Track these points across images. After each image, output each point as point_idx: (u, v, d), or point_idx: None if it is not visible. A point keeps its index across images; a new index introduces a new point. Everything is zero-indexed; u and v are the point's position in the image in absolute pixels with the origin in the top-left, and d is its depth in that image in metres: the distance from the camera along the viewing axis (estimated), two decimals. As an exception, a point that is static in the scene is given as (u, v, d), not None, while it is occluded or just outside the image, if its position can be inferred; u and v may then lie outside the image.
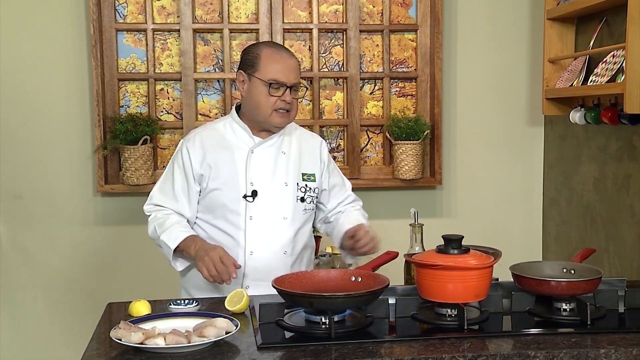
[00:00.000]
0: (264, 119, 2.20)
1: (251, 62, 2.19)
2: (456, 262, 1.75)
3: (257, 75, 2.17)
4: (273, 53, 2.19)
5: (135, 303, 1.87)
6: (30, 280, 3.30)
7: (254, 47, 2.25)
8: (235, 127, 2.26)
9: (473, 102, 3.47)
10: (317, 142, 2.38)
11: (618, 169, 2.88)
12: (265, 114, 2.18)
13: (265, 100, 2.16)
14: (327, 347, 1.59)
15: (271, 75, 2.15)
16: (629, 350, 1.57)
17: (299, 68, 2.24)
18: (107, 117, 3.24)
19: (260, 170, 2.22)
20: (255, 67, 2.18)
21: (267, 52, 2.19)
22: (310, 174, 2.30)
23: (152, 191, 2.32)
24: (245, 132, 2.25)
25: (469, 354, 1.55)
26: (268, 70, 2.16)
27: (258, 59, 2.18)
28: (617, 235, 2.89)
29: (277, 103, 2.17)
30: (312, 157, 2.33)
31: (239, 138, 2.25)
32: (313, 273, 1.92)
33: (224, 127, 2.28)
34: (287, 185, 2.24)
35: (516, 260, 1.99)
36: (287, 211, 2.23)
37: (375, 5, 3.40)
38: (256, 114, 2.20)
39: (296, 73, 2.20)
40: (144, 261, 3.32)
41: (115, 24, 3.26)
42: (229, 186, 2.20)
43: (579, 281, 1.83)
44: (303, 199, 2.27)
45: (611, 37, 2.86)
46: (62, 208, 3.28)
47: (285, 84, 2.16)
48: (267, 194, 2.21)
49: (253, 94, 2.19)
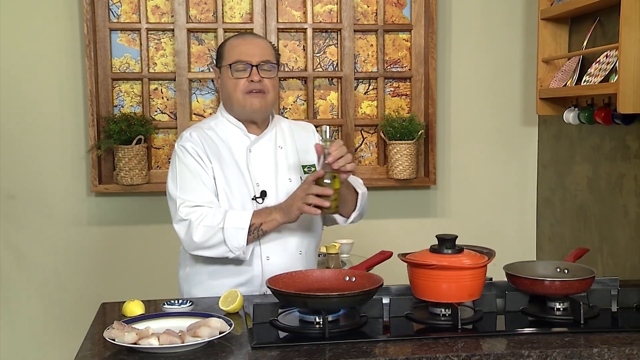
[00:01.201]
0: (238, 106, 2.10)
1: (219, 55, 2.15)
2: (450, 261, 1.75)
3: (223, 64, 2.11)
4: (237, 39, 2.14)
5: (129, 303, 1.86)
6: (24, 281, 3.29)
7: (223, 42, 2.20)
8: (228, 126, 2.17)
9: (467, 102, 3.48)
10: (310, 131, 2.29)
11: (611, 169, 2.88)
12: (238, 99, 2.09)
13: (233, 84, 2.08)
14: (321, 347, 1.59)
15: (233, 58, 2.08)
16: (621, 350, 1.58)
17: (271, 49, 2.13)
18: (101, 116, 3.23)
19: (262, 169, 2.13)
20: (221, 57, 2.13)
21: (232, 41, 2.14)
22: (310, 165, 2.20)
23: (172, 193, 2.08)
24: (239, 129, 2.16)
25: (462, 353, 1.55)
26: (231, 55, 2.09)
27: (223, 49, 2.14)
28: (611, 234, 2.90)
29: (246, 84, 2.07)
30: (309, 147, 2.22)
31: (234, 137, 2.15)
32: (307, 273, 1.92)
33: (216, 126, 2.17)
34: (291, 181, 2.15)
35: (510, 259, 1.99)
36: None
37: (370, 5, 3.40)
38: (232, 104, 2.12)
39: (263, 52, 2.10)
40: (137, 261, 3.32)
41: (109, 23, 3.25)
42: (237, 189, 2.09)
43: (572, 281, 1.83)
44: None
45: (604, 37, 2.87)
46: (56, 208, 3.27)
47: (249, 63, 2.06)
48: (274, 192, 2.12)
49: (224, 84, 2.12)
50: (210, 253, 2.03)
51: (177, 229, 2.05)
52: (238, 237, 1.98)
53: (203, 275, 2.15)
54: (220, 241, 1.99)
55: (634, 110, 2.44)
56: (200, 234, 2.00)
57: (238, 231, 1.98)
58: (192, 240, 2.01)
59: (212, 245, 2.01)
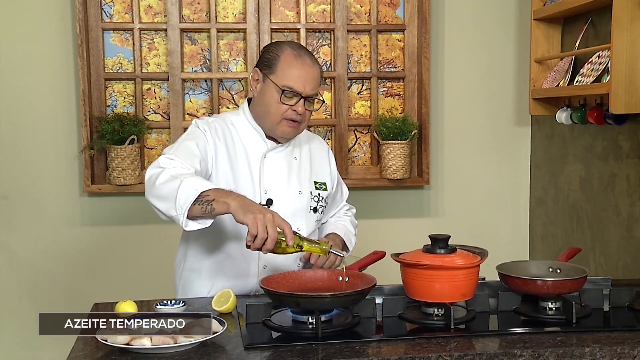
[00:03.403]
0: (271, 125, 2.05)
1: (269, 62, 2.02)
2: (443, 261, 1.76)
3: (272, 78, 2.00)
4: (294, 57, 2.01)
5: (122, 303, 1.85)
6: (16, 281, 3.27)
7: (275, 46, 2.07)
8: (248, 127, 2.10)
9: (460, 102, 3.48)
10: (325, 150, 2.27)
11: (604, 169, 2.89)
12: (274, 121, 2.03)
13: (275, 106, 2.00)
14: (314, 347, 1.59)
15: (287, 82, 1.99)
16: (613, 349, 1.58)
17: (320, 78, 2.06)
18: (93, 116, 3.22)
19: (274, 178, 2.08)
20: (272, 69, 2.01)
21: (288, 55, 2.01)
22: (322, 183, 2.17)
23: (164, 151, 1.99)
24: (258, 134, 2.09)
25: (455, 353, 1.55)
26: (285, 76, 1.99)
27: (277, 60, 2.01)
28: (603, 234, 2.91)
29: (288, 112, 2.00)
30: (323, 165, 2.21)
31: (252, 139, 2.09)
32: (300, 273, 1.92)
33: (237, 123, 2.10)
34: (301, 194, 2.12)
35: (503, 259, 1.99)
36: (301, 222, 2.10)
37: (363, 5, 3.40)
38: (264, 118, 2.05)
39: (315, 83, 2.02)
40: (130, 261, 3.31)
41: (102, 23, 3.24)
42: (242, 192, 1.98)
43: (564, 280, 1.84)
44: (316, 209, 2.15)
45: (597, 37, 2.88)
46: (48, 208, 3.26)
47: (300, 94, 1.99)
48: (281, 203, 2.06)
49: (265, 97, 2.03)
50: (160, 204, 1.85)
51: (147, 172, 1.91)
52: (188, 195, 1.78)
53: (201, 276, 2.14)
54: (173, 191, 1.80)
55: (625, 110, 2.45)
56: (163, 179, 1.84)
57: (190, 191, 1.78)
58: (152, 184, 1.85)
59: (164, 194, 1.83)
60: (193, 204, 1.77)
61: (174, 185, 1.81)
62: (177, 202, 1.79)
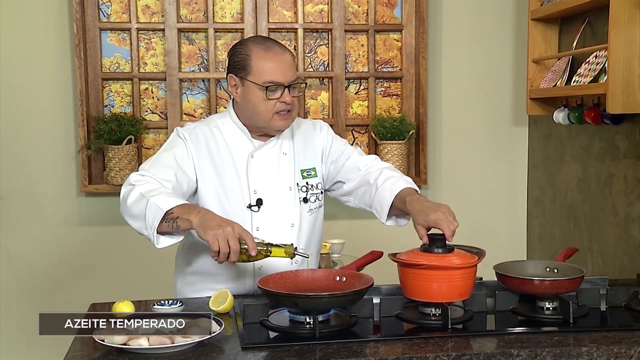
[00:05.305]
0: (264, 124, 2.01)
1: (241, 64, 2.00)
2: (440, 261, 1.76)
3: (250, 79, 1.97)
4: (264, 51, 1.98)
5: (119, 303, 1.85)
6: (14, 281, 3.27)
7: (241, 47, 2.03)
8: (234, 128, 2.07)
9: (458, 102, 3.49)
10: (312, 128, 2.19)
11: (601, 169, 2.90)
12: (266, 118, 1.99)
13: (264, 105, 1.97)
14: (312, 347, 1.59)
15: (266, 77, 1.96)
16: (610, 348, 1.59)
17: (294, 61, 2.05)
18: (91, 116, 3.22)
19: (262, 176, 2.05)
20: (247, 70, 1.98)
21: (257, 51, 1.98)
22: (309, 169, 2.13)
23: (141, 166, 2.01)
24: (244, 134, 2.07)
25: (453, 353, 1.55)
26: (263, 72, 1.96)
27: (248, 60, 1.98)
28: (600, 234, 2.91)
29: (277, 105, 1.97)
30: (310, 148, 2.15)
31: (238, 141, 2.07)
32: (297, 273, 1.91)
33: (223, 126, 2.08)
34: (292, 190, 2.08)
35: (500, 259, 1.99)
36: (294, 217, 2.07)
37: (361, 5, 3.40)
38: (255, 119, 2.02)
39: (292, 69, 2.00)
40: (127, 262, 3.31)
41: (99, 23, 3.24)
42: (231, 194, 2.01)
43: (561, 280, 1.84)
44: (306, 199, 2.10)
45: (594, 37, 2.88)
46: (46, 208, 3.26)
47: (282, 84, 1.97)
48: (271, 201, 2.05)
49: (249, 99, 1.99)
50: (133, 223, 1.90)
51: (121, 189, 1.93)
52: (155, 215, 1.81)
53: (200, 277, 2.13)
54: (142, 210, 1.84)
55: (623, 110, 2.45)
56: (133, 198, 1.86)
57: (157, 210, 1.80)
58: (125, 204, 1.89)
59: (136, 214, 1.86)
60: (160, 222, 1.81)
61: (142, 204, 1.84)
62: (147, 222, 1.84)
